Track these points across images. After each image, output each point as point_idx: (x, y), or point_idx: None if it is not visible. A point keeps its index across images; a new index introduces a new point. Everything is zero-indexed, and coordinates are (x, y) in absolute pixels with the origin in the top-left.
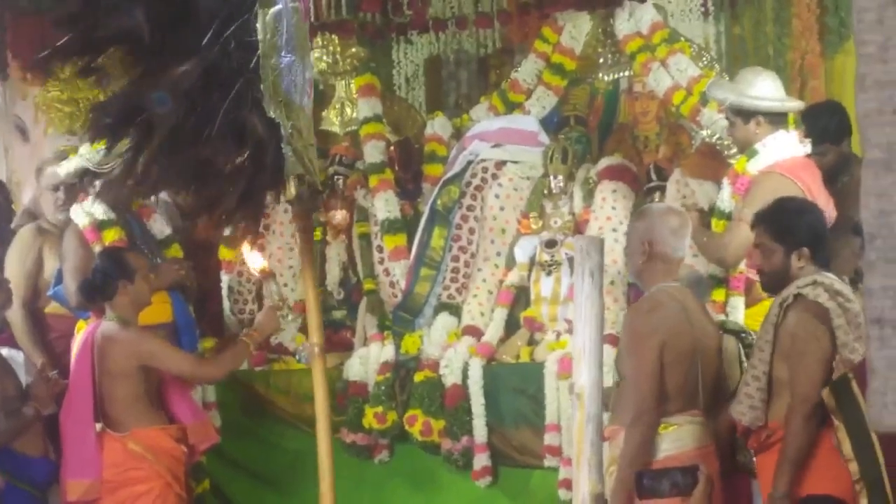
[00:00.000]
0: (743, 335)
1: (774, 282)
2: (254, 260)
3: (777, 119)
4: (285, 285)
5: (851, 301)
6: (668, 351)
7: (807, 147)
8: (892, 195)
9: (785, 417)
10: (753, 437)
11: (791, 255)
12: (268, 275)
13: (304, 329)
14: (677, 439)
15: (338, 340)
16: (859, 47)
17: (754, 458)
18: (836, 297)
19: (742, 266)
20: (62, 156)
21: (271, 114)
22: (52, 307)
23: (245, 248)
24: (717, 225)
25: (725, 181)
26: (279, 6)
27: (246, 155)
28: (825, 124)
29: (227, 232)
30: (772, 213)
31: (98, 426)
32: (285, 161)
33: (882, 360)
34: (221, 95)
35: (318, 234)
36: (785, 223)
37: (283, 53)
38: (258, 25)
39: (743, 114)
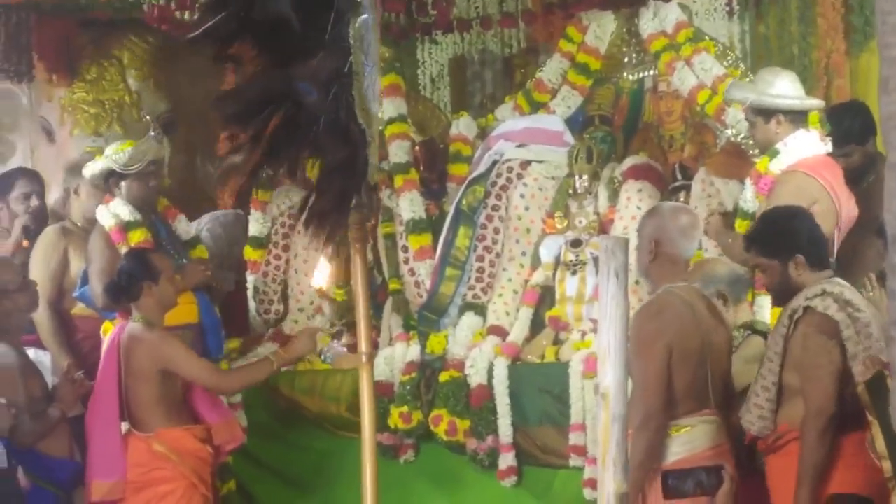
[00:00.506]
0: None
1: (781, 295)
2: (319, 277)
3: (797, 118)
4: (311, 286)
5: (861, 311)
6: (676, 353)
7: (828, 146)
8: None
9: (800, 431)
10: (761, 441)
11: (788, 266)
12: (323, 295)
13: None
14: (689, 441)
15: None
16: (882, 50)
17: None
18: (845, 308)
19: None
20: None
21: (360, 119)
22: (78, 308)
23: (323, 260)
24: (740, 225)
25: (748, 181)
26: (366, 15)
27: (344, 156)
28: (849, 125)
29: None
30: (757, 232)
31: (124, 427)
32: (370, 167)
33: None
34: (325, 95)
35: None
36: (771, 238)
37: (365, 61)
38: (350, 31)
39: (763, 113)
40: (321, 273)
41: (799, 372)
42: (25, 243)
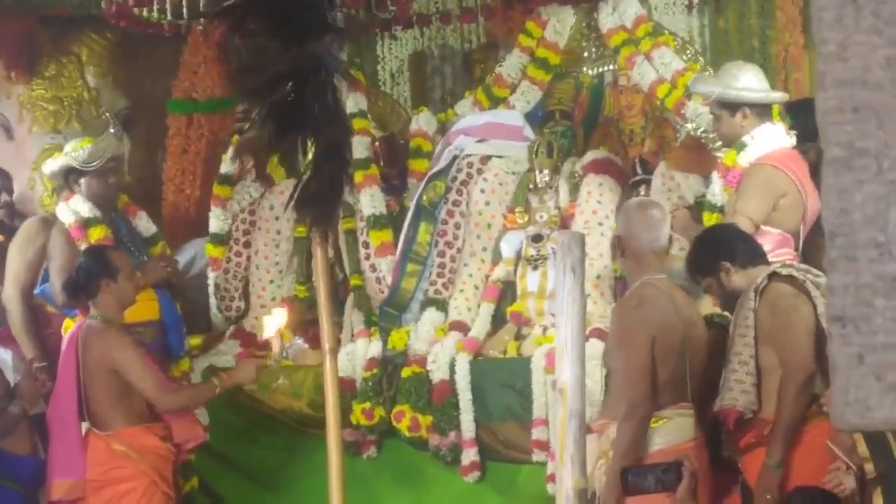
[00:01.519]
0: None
1: (729, 304)
2: (271, 326)
3: (762, 111)
4: (271, 281)
5: (822, 276)
6: (658, 344)
7: (793, 139)
8: (851, 193)
9: (777, 390)
10: (752, 432)
11: (720, 277)
12: (274, 339)
13: (290, 325)
14: (668, 433)
15: None
16: (819, 46)
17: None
18: (806, 274)
19: None
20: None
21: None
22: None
23: (278, 310)
24: (709, 218)
25: (715, 175)
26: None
27: (336, 141)
28: (804, 122)
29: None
30: (687, 258)
31: (85, 425)
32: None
33: (844, 357)
34: (318, 78)
35: (303, 230)
36: (696, 258)
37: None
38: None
39: (728, 107)
40: (273, 322)
41: (773, 338)
42: (1, 238)
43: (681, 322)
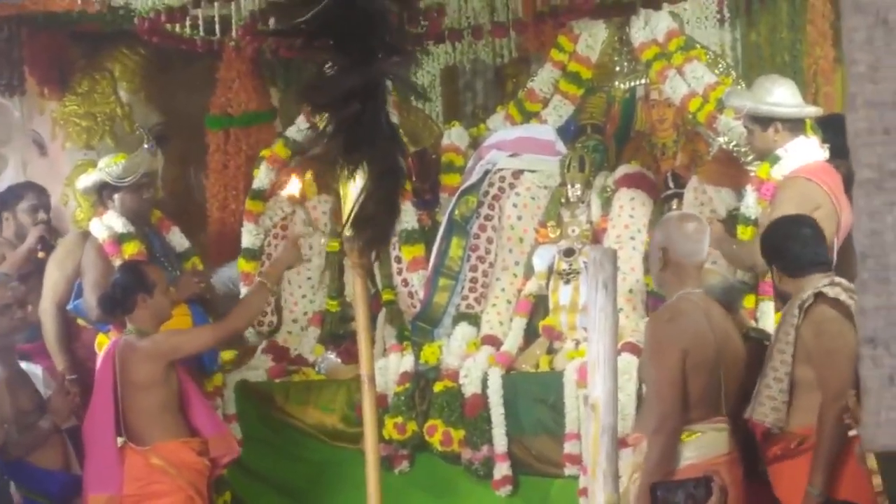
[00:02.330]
0: (767, 343)
1: (782, 302)
2: (293, 185)
3: (795, 125)
4: (303, 296)
5: None
6: (690, 359)
7: (826, 152)
8: (883, 215)
9: (818, 417)
10: (779, 445)
11: (772, 273)
12: (297, 201)
13: (322, 340)
14: (700, 447)
15: (357, 351)
16: (850, 67)
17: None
18: (852, 295)
19: None
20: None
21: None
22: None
23: (294, 176)
24: (743, 232)
25: (749, 187)
26: None
27: (393, 162)
28: (834, 138)
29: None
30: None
31: (120, 440)
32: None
33: (875, 379)
34: (382, 97)
35: (335, 245)
36: (761, 246)
37: None
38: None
39: (761, 121)
40: (294, 183)
41: (814, 360)
42: (41, 255)
43: (715, 336)
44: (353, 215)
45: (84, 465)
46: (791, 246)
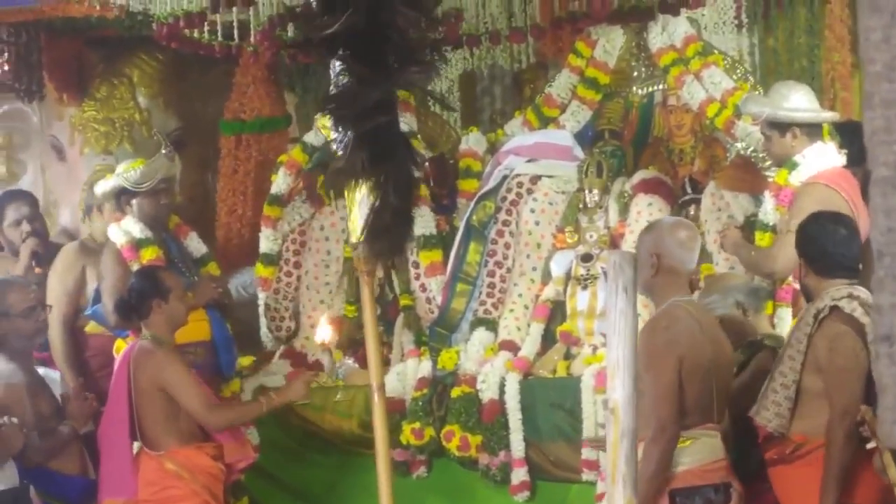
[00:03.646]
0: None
1: (803, 292)
2: (323, 332)
3: (812, 131)
4: (321, 302)
5: None
6: (686, 365)
7: (843, 158)
8: None
9: (826, 434)
10: (776, 448)
11: (801, 268)
12: (327, 348)
13: (340, 345)
14: (695, 452)
15: None
16: (866, 65)
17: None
18: (870, 313)
19: (790, 278)
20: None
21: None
22: (91, 325)
23: (324, 317)
24: (761, 238)
25: (767, 194)
26: None
27: (407, 173)
28: (850, 145)
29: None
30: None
31: (136, 445)
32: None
33: (892, 377)
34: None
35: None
36: (796, 238)
37: None
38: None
39: (779, 127)
40: (323, 328)
41: (824, 374)
42: (38, 270)
43: (708, 343)
44: (368, 226)
45: (99, 470)
46: (823, 242)
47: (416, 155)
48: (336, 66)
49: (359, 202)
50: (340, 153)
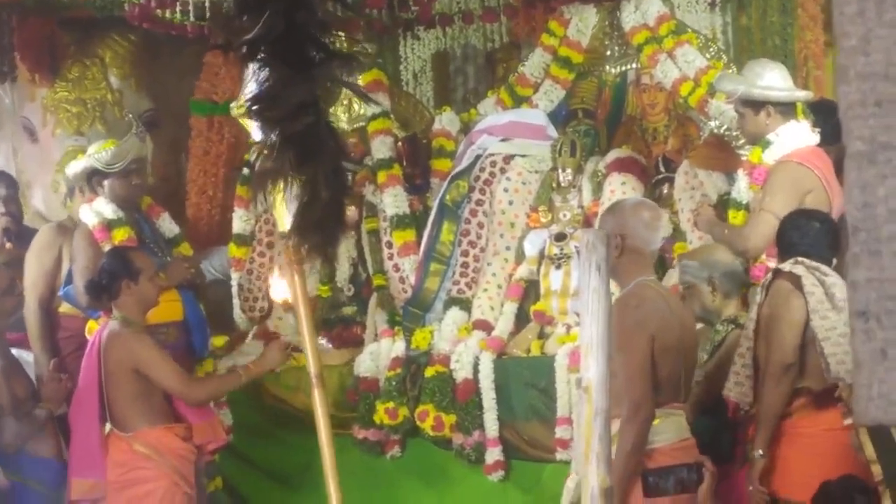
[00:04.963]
0: None
1: None
2: (278, 289)
3: (786, 109)
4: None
5: (829, 275)
6: (657, 344)
7: (817, 137)
8: (874, 187)
9: (761, 380)
10: (752, 427)
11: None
12: (290, 307)
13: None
14: (663, 431)
15: (348, 336)
16: (841, 40)
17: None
18: (813, 272)
19: (763, 256)
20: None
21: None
22: (65, 307)
23: (275, 272)
24: (734, 216)
25: (741, 172)
26: None
27: (335, 167)
28: (824, 123)
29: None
30: None
31: (107, 426)
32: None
33: (867, 352)
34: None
35: None
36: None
37: None
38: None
39: (753, 105)
40: (278, 285)
41: (764, 331)
42: (9, 246)
43: (677, 322)
44: (298, 221)
45: (69, 451)
46: (791, 234)
47: (345, 147)
48: (254, 66)
49: (286, 197)
50: (266, 154)
